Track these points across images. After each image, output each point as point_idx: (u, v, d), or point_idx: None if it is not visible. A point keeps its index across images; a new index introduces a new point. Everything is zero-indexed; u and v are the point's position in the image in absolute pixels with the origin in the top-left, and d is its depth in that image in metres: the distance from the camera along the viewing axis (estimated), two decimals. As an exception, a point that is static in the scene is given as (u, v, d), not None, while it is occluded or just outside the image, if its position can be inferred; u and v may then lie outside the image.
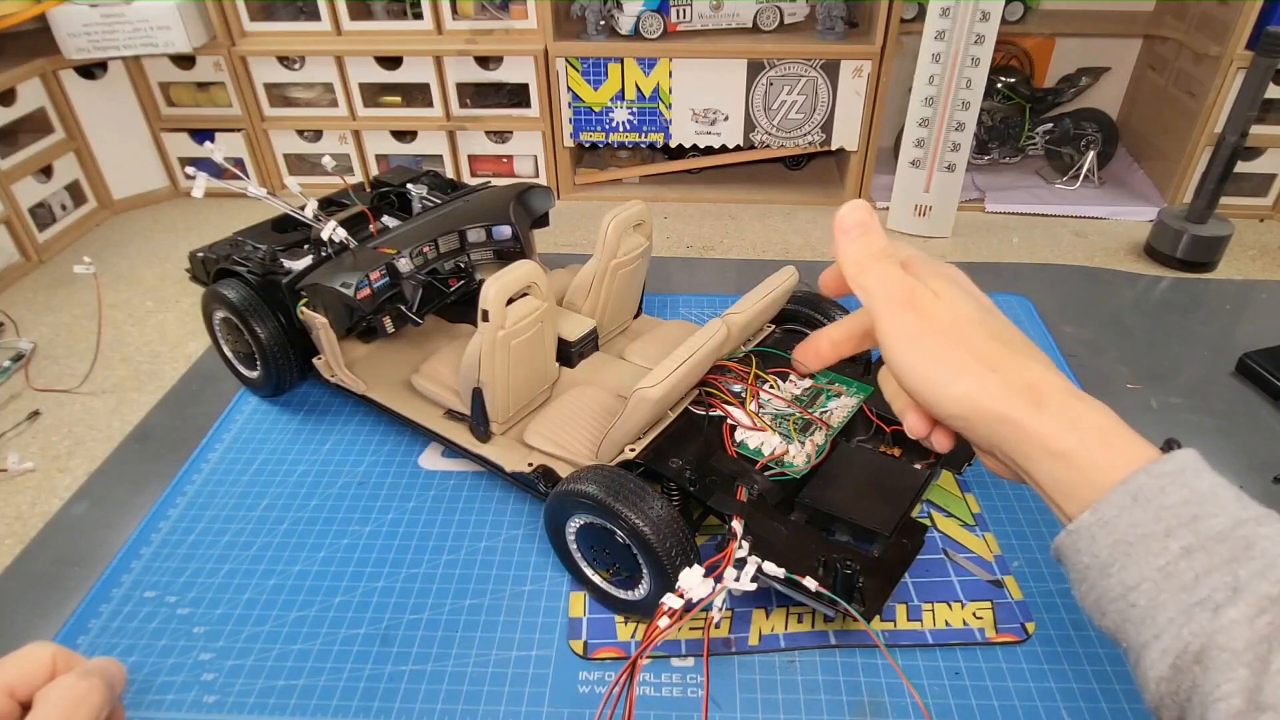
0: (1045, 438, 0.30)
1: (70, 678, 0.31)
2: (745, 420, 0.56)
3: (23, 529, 0.61)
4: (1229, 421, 0.68)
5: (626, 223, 0.65)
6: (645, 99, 1.04)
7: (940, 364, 0.33)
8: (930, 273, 0.35)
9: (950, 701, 0.47)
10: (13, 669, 0.31)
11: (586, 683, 0.49)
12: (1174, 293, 0.88)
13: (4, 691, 0.30)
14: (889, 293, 0.34)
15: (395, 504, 0.62)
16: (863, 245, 0.35)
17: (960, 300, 0.34)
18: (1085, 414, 0.31)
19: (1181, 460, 0.29)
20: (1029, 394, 0.31)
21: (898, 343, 0.34)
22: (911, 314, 0.33)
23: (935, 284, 0.34)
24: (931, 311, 0.33)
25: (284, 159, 1.13)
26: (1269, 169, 1.01)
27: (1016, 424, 0.31)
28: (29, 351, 0.80)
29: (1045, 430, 0.30)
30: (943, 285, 0.34)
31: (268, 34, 1.04)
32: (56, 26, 0.96)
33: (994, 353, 0.32)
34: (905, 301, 0.34)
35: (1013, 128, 1.12)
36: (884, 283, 0.34)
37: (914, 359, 0.33)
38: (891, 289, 0.34)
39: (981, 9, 0.86)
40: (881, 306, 0.34)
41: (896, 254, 0.36)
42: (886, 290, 0.34)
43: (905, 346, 0.33)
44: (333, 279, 0.60)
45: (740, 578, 0.44)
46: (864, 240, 0.35)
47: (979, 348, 0.32)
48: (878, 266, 0.35)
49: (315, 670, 0.50)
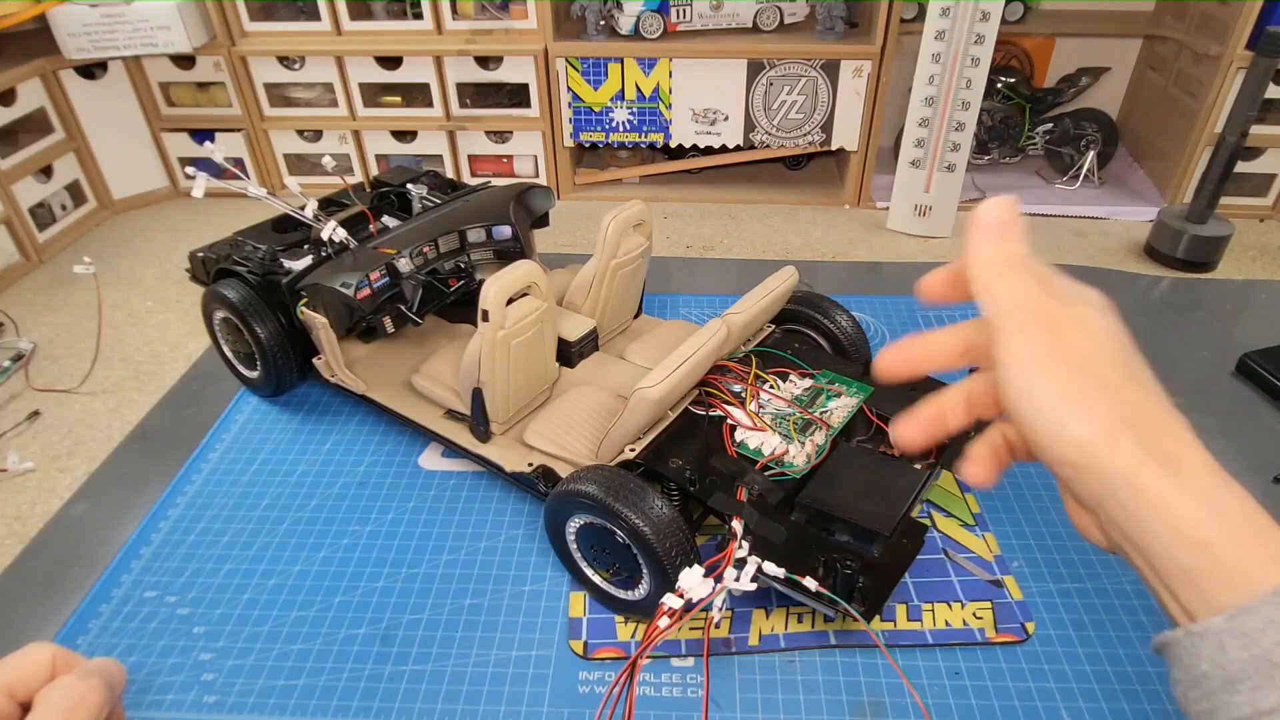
0: (1180, 517, 0.26)
1: (70, 678, 0.31)
2: (745, 420, 0.56)
3: (23, 529, 0.61)
4: (1229, 421, 0.68)
5: (626, 223, 0.65)
6: (645, 99, 1.04)
7: (1067, 400, 0.28)
8: (1074, 296, 0.30)
9: (950, 701, 0.47)
10: (12, 670, 0.31)
11: (586, 683, 0.49)
12: (1174, 293, 0.88)
13: (4, 692, 0.30)
14: (1023, 307, 0.29)
15: (395, 504, 0.62)
16: (1001, 248, 0.30)
17: (1105, 334, 0.29)
18: (1231, 499, 0.27)
19: None
20: (1165, 459, 0.27)
21: (1021, 365, 0.29)
22: (1046, 336, 0.29)
23: (1079, 309, 0.30)
24: (1070, 339, 0.29)
25: (284, 159, 1.13)
26: (1269, 169, 1.01)
27: (1143, 492, 0.27)
28: (29, 351, 0.80)
29: (1181, 507, 0.26)
30: (1088, 313, 0.30)
31: (268, 34, 1.04)
32: (56, 26, 0.96)
33: (1133, 402, 0.28)
34: (1042, 321, 0.29)
35: (1013, 128, 1.12)
36: (1019, 295, 0.30)
37: (1036, 388, 0.29)
38: (1027, 304, 0.29)
39: (981, 9, 0.86)
40: (1010, 321, 0.29)
41: (1035, 268, 0.31)
42: (1020, 304, 0.30)
43: (1029, 372, 0.29)
44: (333, 279, 0.60)
45: (740, 578, 0.44)
46: (1003, 243, 0.31)
47: (1116, 392, 0.28)
48: (1014, 275, 0.30)
49: (315, 670, 0.50)
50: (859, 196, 1.09)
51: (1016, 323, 0.29)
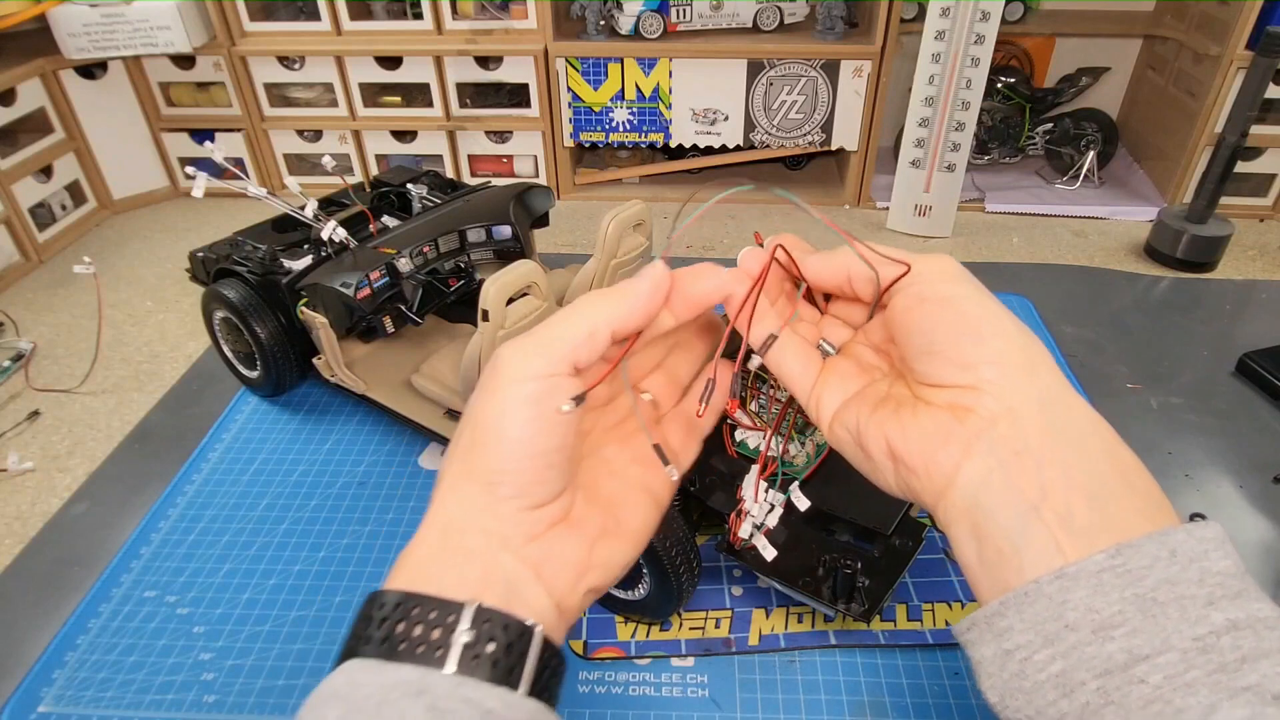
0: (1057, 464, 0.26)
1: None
2: (745, 420, 0.56)
3: (23, 529, 0.61)
4: (1229, 421, 0.68)
5: (626, 223, 0.65)
6: (645, 99, 1.04)
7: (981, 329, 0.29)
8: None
9: (950, 701, 0.47)
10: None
11: (586, 682, 0.49)
12: (1174, 293, 0.88)
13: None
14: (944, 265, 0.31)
15: (395, 504, 0.62)
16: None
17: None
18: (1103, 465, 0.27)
19: (1219, 530, 0.25)
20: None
21: (952, 298, 0.30)
22: (967, 285, 0.30)
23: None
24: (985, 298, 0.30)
25: (284, 159, 1.13)
26: (1269, 169, 1.01)
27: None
28: (29, 351, 0.80)
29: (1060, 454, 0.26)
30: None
31: (268, 34, 1.04)
32: (56, 26, 0.96)
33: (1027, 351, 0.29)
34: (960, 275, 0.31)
35: (1013, 128, 1.12)
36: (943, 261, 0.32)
37: (963, 306, 0.30)
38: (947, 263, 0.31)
39: (981, 9, 0.86)
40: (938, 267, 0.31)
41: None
42: (943, 263, 0.31)
43: (956, 305, 0.30)
44: (333, 279, 0.60)
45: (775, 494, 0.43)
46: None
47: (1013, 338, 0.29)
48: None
49: (315, 670, 0.50)
50: (859, 196, 1.09)
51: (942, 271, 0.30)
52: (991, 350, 0.28)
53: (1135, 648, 0.23)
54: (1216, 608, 0.23)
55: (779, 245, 0.34)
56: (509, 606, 0.27)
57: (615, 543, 0.32)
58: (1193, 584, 0.23)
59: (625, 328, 0.30)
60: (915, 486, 0.29)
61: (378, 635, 0.26)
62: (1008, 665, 0.25)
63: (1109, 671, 0.23)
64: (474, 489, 0.29)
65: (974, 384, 0.28)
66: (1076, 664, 0.23)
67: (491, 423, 0.29)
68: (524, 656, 0.26)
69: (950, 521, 0.28)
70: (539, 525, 0.29)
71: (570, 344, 0.29)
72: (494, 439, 0.29)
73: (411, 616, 0.26)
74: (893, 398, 0.31)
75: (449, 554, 0.28)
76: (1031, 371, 0.28)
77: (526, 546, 0.29)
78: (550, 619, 0.28)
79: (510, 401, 0.28)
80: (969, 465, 0.27)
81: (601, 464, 0.34)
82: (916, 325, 0.30)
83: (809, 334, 0.35)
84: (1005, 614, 0.25)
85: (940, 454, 0.28)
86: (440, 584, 0.27)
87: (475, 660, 0.25)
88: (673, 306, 0.32)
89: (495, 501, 0.29)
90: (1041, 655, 0.24)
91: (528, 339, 0.30)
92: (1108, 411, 0.28)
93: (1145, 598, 0.23)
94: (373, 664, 0.25)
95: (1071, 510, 0.25)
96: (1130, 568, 0.23)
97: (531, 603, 0.28)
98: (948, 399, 0.29)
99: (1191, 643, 0.22)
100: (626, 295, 0.30)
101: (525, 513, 0.29)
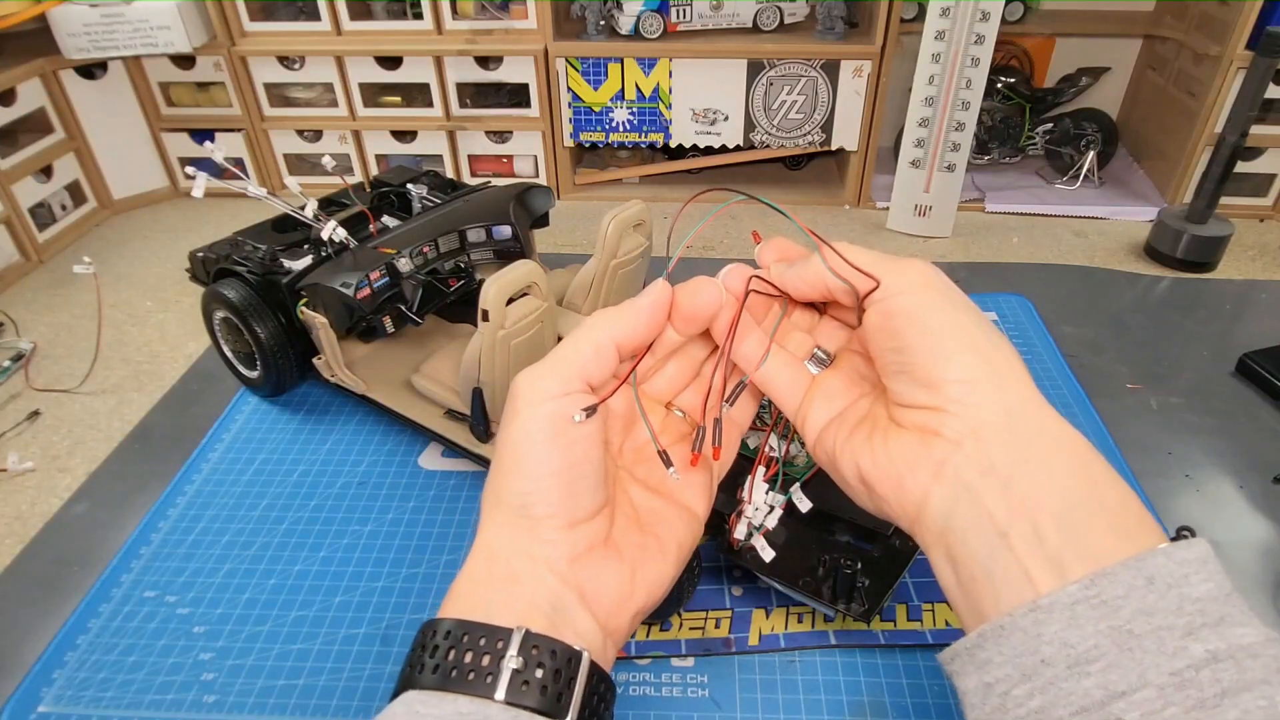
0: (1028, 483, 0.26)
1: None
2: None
3: (23, 529, 0.61)
4: (1229, 421, 0.68)
5: (626, 223, 0.65)
6: (645, 99, 1.04)
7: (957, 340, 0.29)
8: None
9: (950, 701, 0.47)
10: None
11: (586, 683, 0.49)
12: (1174, 293, 0.88)
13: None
14: (925, 275, 0.31)
15: (395, 504, 0.62)
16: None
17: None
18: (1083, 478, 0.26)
19: (1203, 549, 0.24)
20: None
21: (929, 306, 0.30)
22: (950, 295, 0.30)
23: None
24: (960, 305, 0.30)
25: (284, 159, 1.13)
26: (1269, 169, 1.01)
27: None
28: (29, 351, 0.80)
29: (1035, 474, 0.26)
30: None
31: (268, 34, 1.04)
32: (56, 26, 0.96)
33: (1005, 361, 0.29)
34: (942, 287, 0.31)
35: (1013, 128, 1.12)
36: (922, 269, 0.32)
37: (938, 315, 0.30)
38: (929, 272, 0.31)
39: (981, 9, 0.86)
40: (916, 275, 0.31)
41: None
42: (923, 272, 0.31)
43: (935, 314, 0.30)
44: (333, 279, 0.60)
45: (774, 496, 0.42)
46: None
47: (991, 352, 0.29)
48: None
49: (315, 670, 0.50)
50: (859, 196, 1.09)
51: (920, 280, 0.30)
52: (957, 366, 0.28)
53: (1111, 683, 0.22)
54: (1196, 638, 0.22)
55: (753, 276, 0.34)
56: (556, 631, 0.27)
57: (657, 562, 0.32)
58: (1170, 613, 0.22)
59: (631, 342, 0.31)
60: (889, 512, 0.30)
61: (431, 663, 0.26)
62: (989, 699, 0.24)
63: (1086, 709, 0.22)
64: (509, 515, 0.29)
65: (940, 405, 0.28)
66: (1054, 700, 0.23)
67: (514, 447, 0.29)
68: (572, 682, 0.26)
69: (927, 546, 0.28)
70: (579, 545, 0.29)
71: (579, 362, 0.30)
72: (518, 462, 0.29)
73: (463, 644, 0.26)
74: (869, 419, 0.31)
75: (495, 580, 0.28)
76: (998, 385, 0.28)
77: (570, 568, 0.29)
78: (597, 643, 0.28)
79: (530, 423, 0.29)
80: (937, 490, 0.27)
81: (637, 484, 0.34)
82: (886, 343, 0.30)
83: (804, 343, 0.35)
84: (984, 646, 0.25)
85: (908, 480, 0.28)
86: (488, 610, 0.27)
87: (525, 687, 0.25)
88: (674, 322, 0.32)
89: (533, 524, 0.29)
90: (1020, 690, 0.23)
91: (540, 364, 0.30)
92: (1108, 411, 0.28)
93: (1121, 630, 0.22)
94: (431, 696, 0.25)
95: (1040, 534, 0.25)
96: (1105, 598, 0.23)
97: (578, 626, 0.28)
98: (918, 421, 0.29)
99: (1169, 678, 0.21)
100: (629, 312, 0.31)
101: (563, 532, 0.29)
